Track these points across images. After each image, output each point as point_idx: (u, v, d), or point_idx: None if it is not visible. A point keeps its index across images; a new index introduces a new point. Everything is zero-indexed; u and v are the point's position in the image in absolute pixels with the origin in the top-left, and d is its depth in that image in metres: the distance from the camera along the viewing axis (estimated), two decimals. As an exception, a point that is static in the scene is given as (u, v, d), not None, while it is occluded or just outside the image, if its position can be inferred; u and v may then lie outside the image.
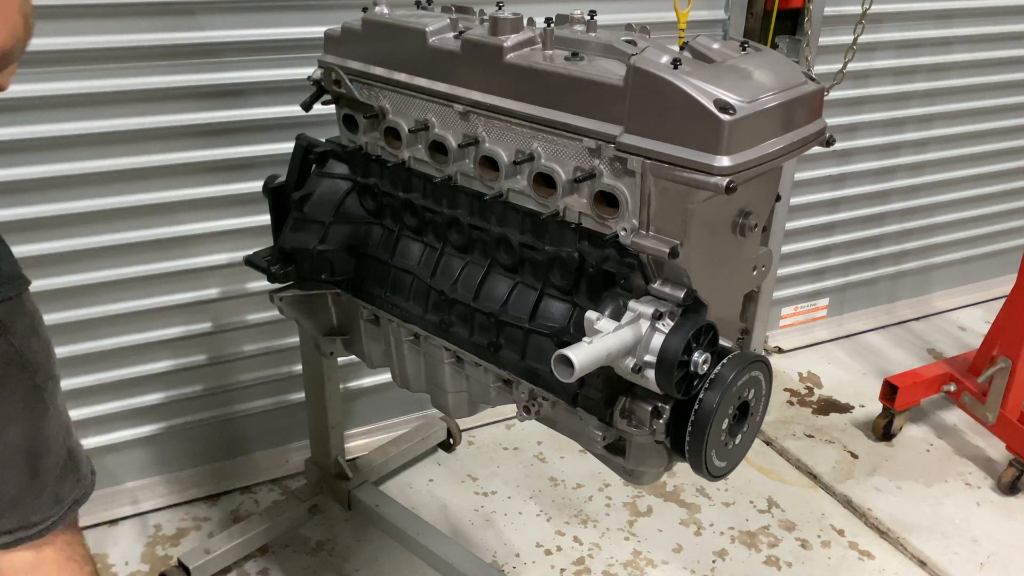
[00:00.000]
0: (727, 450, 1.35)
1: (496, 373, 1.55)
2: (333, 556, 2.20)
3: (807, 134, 1.32)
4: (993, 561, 2.29)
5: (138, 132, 1.99)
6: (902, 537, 2.35)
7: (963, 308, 3.51)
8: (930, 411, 2.85)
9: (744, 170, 1.19)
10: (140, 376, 2.23)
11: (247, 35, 2.01)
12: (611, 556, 2.24)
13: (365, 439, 2.56)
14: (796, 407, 2.89)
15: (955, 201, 3.33)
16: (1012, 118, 3.27)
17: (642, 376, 1.25)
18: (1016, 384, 2.48)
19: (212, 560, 2.06)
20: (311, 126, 1.91)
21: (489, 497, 2.42)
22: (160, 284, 2.16)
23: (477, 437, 2.65)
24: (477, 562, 2.02)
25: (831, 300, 3.28)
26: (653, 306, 1.26)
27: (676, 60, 1.22)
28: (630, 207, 1.29)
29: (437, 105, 1.51)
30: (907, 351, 3.22)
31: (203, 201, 2.13)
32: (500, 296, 1.50)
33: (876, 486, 2.53)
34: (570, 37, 1.40)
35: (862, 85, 2.88)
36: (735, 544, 2.30)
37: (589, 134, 1.30)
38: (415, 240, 1.64)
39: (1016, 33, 3.09)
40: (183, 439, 2.35)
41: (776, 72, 1.31)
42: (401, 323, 1.67)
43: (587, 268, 1.38)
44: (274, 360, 2.37)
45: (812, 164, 2.93)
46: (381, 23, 1.57)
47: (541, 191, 1.41)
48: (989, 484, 2.56)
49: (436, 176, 1.55)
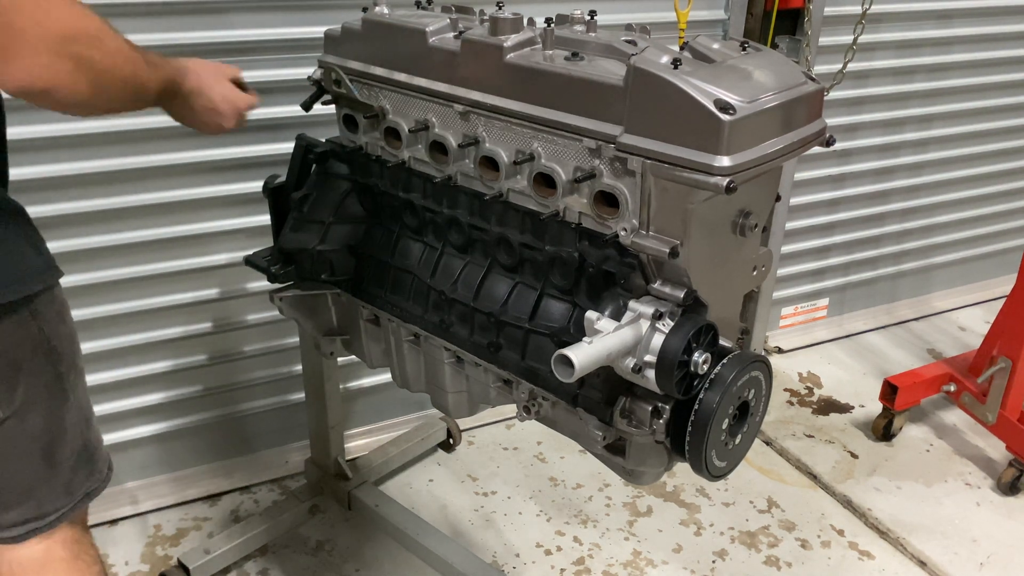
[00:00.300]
0: (727, 450, 1.35)
1: (496, 373, 1.55)
2: (333, 556, 2.20)
3: (807, 134, 1.32)
4: (993, 561, 2.29)
5: (138, 132, 1.99)
6: (902, 537, 2.35)
7: (963, 308, 3.51)
8: (930, 411, 2.85)
9: (744, 170, 1.19)
10: (140, 376, 2.22)
11: (247, 35, 2.01)
12: (611, 556, 2.24)
13: (365, 439, 2.56)
14: (796, 407, 2.89)
15: (955, 201, 3.33)
16: (1012, 118, 3.27)
17: (642, 376, 1.25)
18: (1016, 384, 2.48)
19: (212, 560, 2.06)
20: (311, 126, 1.91)
21: (489, 497, 2.42)
22: (160, 284, 2.16)
23: (477, 437, 2.65)
24: (477, 562, 2.02)
25: (831, 300, 3.28)
26: (653, 306, 1.26)
27: (676, 60, 1.22)
28: (630, 207, 1.29)
29: (437, 105, 1.51)
30: (907, 351, 3.22)
31: (203, 201, 2.13)
32: (500, 296, 1.50)
33: (876, 486, 2.53)
34: (570, 37, 1.40)
35: (862, 85, 2.88)
36: (735, 544, 2.30)
37: (589, 134, 1.30)
38: (415, 240, 1.65)
39: (1016, 33, 3.09)
40: (183, 439, 2.35)
41: (776, 72, 1.31)
42: (401, 323, 1.67)
43: (587, 268, 1.38)
44: (274, 360, 2.37)
45: (812, 164, 2.93)
46: (381, 23, 1.57)
47: (541, 191, 1.41)
48: (989, 484, 2.56)
49: (436, 176, 1.55)
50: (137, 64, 1.13)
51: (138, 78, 1.14)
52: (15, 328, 1.18)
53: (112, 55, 1.07)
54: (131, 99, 1.16)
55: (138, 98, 1.18)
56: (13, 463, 1.26)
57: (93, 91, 1.05)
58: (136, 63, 1.13)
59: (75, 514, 1.35)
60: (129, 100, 1.16)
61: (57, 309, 1.26)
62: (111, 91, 1.09)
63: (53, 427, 1.27)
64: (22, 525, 1.29)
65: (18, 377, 1.20)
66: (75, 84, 1.02)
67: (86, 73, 1.02)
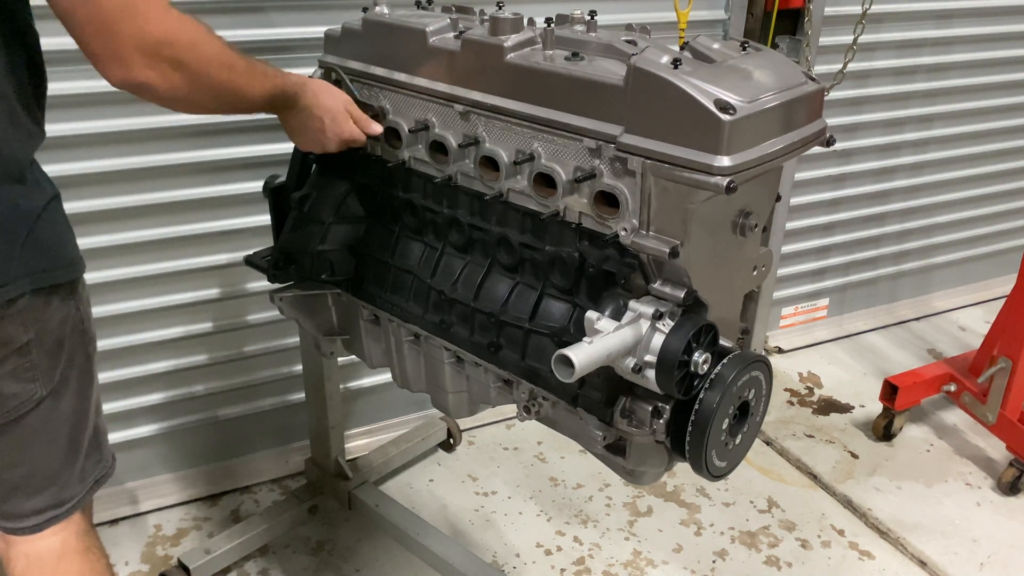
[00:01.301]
0: (727, 450, 1.35)
1: (496, 373, 1.55)
2: (333, 556, 2.20)
3: (807, 134, 1.32)
4: (993, 561, 2.29)
5: (138, 132, 1.99)
6: (902, 537, 2.35)
7: (963, 308, 3.51)
8: (930, 411, 2.85)
9: (744, 170, 1.19)
10: (140, 376, 2.22)
11: (247, 35, 2.00)
12: (611, 556, 2.24)
13: (365, 439, 2.56)
14: (796, 407, 2.89)
15: (955, 201, 3.33)
16: (1012, 118, 3.27)
17: (642, 376, 1.25)
18: (1016, 384, 2.48)
19: (212, 560, 2.06)
20: (311, 126, 1.91)
21: (489, 497, 2.42)
22: (160, 284, 2.16)
23: (477, 437, 2.65)
24: (477, 562, 2.02)
25: (831, 300, 3.28)
26: (653, 306, 1.26)
27: (676, 60, 1.22)
28: (630, 207, 1.29)
29: (437, 105, 1.51)
30: (907, 351, 3.22)
31: (203, 201, 2.13)
32: (500, 296, 1.50)
33: (876, 486, 2.53)
34: (570, 37, 1.40)
35: (862, 85, 2.88)
36: (735, 544, 2.30)
37: (589, 134, 1.30)
38: (415, 240, 1.64)
39: (1016, 33, 3.09)
40: (183, 439, 2.35)
41: (776, 72, 1.31)
42: (401, 323, 1.67)
43: (587, 268, 1.38)
44: (274, 360, 2.37)
45: (812, 164, 2.93)
46: (381, 23, 1.57)
47: (541, 191, 1.41)
48: (989, 484, 2.56)
49: (436, 176, 1.55)
50: (235, 71, 1.24)
51: (234, 83, 1.25)
52: (64, 308, 1.25)
53: (207, 60, 1.18)
54: (230, 102, 1.28)
55: (239, 101, 1.30)
56: (45, 446, 1.31)
57: (190, 91, 1.17)
58: (233, 70, 1.23)
59: (85, 504, 1.39)
60: (228, 102, 1.29)
61: (87, 294, 1.34)
62: (208, 92, 1.21)
63: (80, 409, 1.33)
64: (42, 513, 1.33)
65: (60, 355, 1.27)
66: (171, 84, 1.13)
67: (181, 75, 1.14)
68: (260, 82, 1.32)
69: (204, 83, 1.18)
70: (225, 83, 1.23)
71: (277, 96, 1.38)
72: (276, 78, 1.37)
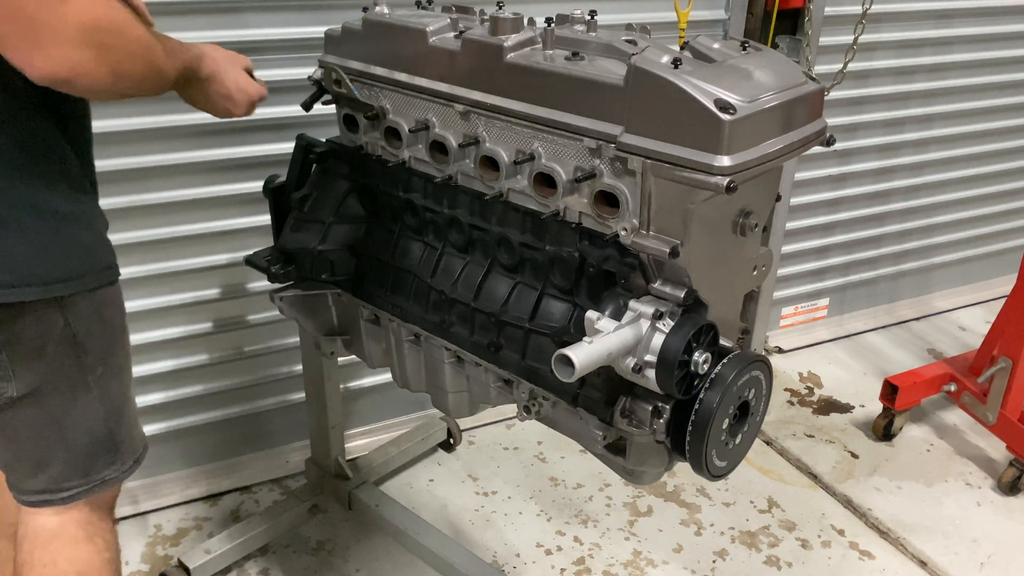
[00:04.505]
0: (727, 450, 1.35)
1: (496, 373, 1.55)
2: (333, 556, 2.20)
3: (807, 134, 1.32)
4: (993, 561, 2.29)
5: (138, 132, 1.99)
6: (902, 537, 2.35)
7: (963, 308, 3.51)
8: (930, 411, 2.85)
9: (744, 170, 1.19)
10: (140, 376, 2.22)
11: (247, 35, 2.00)
12: (611, 556, 2.24)
13: (365, 439, 2.56)
14: (796, 407, 2.89)
15: (955, 201, 3.33)
16: (1012, 118, 3.27)
17: (642, 376, 1.25)
18: (1016, 384, 2.48)
19: (212, 560, 2.06)
20: (311, 126, 1.91)
21: (489, 497, 2.42)
22: (160, 284, 2.16)
23: (477, 437, 2.65)
24: (477, 562, 2.02)
25: (831, 300, 3.28)
26: (653, 306, 1.27)
27: (676, 60, 1.23)
28: (630, 207, 1.29)
29: (437, 105, 1.51)
30: (907, 351, 3.22)
31: (203, 201, 2.13)
32: (500, 296, 1.50)
33: (876, 486, 2.53)
34: (570, 37, 1.40)
35: (862, 85, 2.88)
36: (735, 544, 2.30)
37: (589, 134, 1.30)
38: (415, 240, 1.64)
39: (1016, 33, 3.09)
40: (183, 439, 2.35)
41: (776, 72, 1.31)
42: (401, 323, 1.67)
43: (587, 268, 1.38)
44: (274, 360, 2.37)
45: (812, 164, 2.93)
46: (381, 23, 1.57)
47: (541, 191, 1.41)
48: (989, 484, 2.56)
49: (436, 176, 1.55)
50: (156, 52, 1.16)
51: (156, 65, 1.17)
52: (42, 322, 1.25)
53: (133, 44, 1.10)
54: (151, 86, 1.20)
55: (158, 84, 1.22)
56: (28, 440, 1.34)
57: (114, 78, 1.09)
58: (155, 51, 1.16)
59: (94, 497, 1.41)
60: (149, 86, 1.20)
61: (93, 308, 1.31)
62: (131, 78, 1.13)
63: (70, 413, 1.34)
64: (39, 494, 1.38)
65: (39, 363, 1.27)
66: (97, 72, 1.05)
67: (107, 61, 1.06)
68: (174, 60, 1.25)
69: (128, 68, 1.11)
70: (150, 66, 1.15)
71: (185, 71, 1.30)
72: (183, 52, 1.29)
